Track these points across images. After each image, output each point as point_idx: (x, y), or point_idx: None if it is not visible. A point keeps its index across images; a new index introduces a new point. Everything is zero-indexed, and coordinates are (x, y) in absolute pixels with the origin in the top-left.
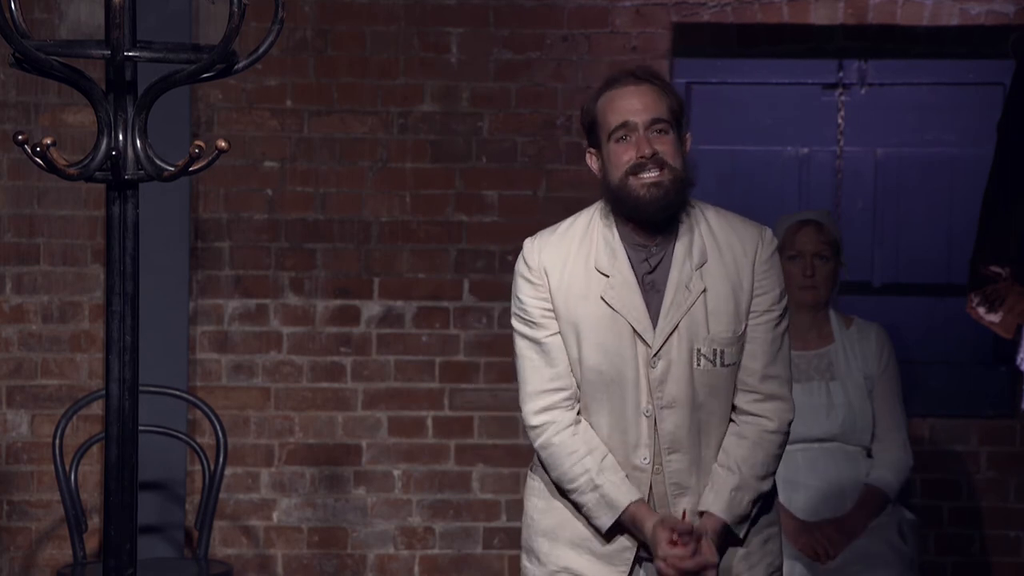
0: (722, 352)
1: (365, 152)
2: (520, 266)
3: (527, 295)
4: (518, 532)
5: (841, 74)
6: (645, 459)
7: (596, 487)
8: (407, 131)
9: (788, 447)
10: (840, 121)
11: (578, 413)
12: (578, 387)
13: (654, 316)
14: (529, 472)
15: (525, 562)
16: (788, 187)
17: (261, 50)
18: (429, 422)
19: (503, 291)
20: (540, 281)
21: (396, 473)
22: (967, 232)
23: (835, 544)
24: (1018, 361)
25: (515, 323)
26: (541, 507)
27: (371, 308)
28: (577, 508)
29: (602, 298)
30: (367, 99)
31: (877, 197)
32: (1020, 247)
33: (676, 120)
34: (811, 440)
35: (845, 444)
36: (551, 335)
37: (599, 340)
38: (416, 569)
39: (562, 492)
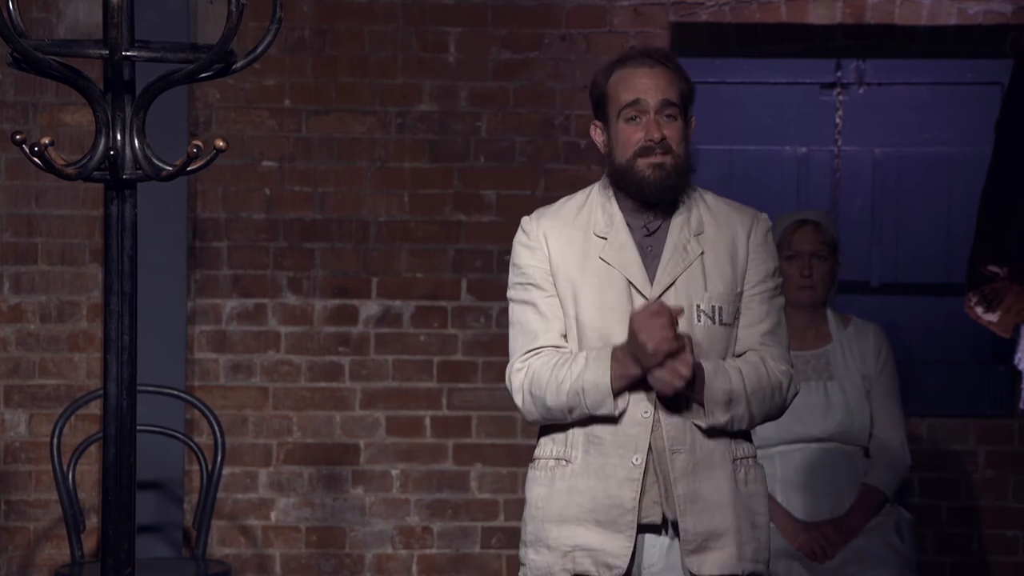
0: (720, 309)
1: (363, 152)
2: (519, 237)
3: (525, 260)
4: (516, 531)
5: (839, 73)
6: (646, 413)
7: (582, 369)
8: (405, 130)
9: (786, 447)
10: (838, 120)
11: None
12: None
13: (652, 275)
14: (529, 467)
15: (532, 555)
16: (786, 186)
17: (259, 49)
18: (427, 422)
19: (501, 290)
20: (538, 246)
21: (394, 473)
22: (965, 231)
23: (833, 544)
24: (1016, 360)
25: (511, 292)
26: (544, 494)
27: (369, 308)
28: (580, 413)
29: (600, 258)
30: (365, 98)
31: (875, 196)
32: (1018, 246)
33: (685, 104)
34: (809, 440)
35: (843, 444)
36: (548, 296)
37: (597, 298)
38: (414, 568)
39: (562, 426)
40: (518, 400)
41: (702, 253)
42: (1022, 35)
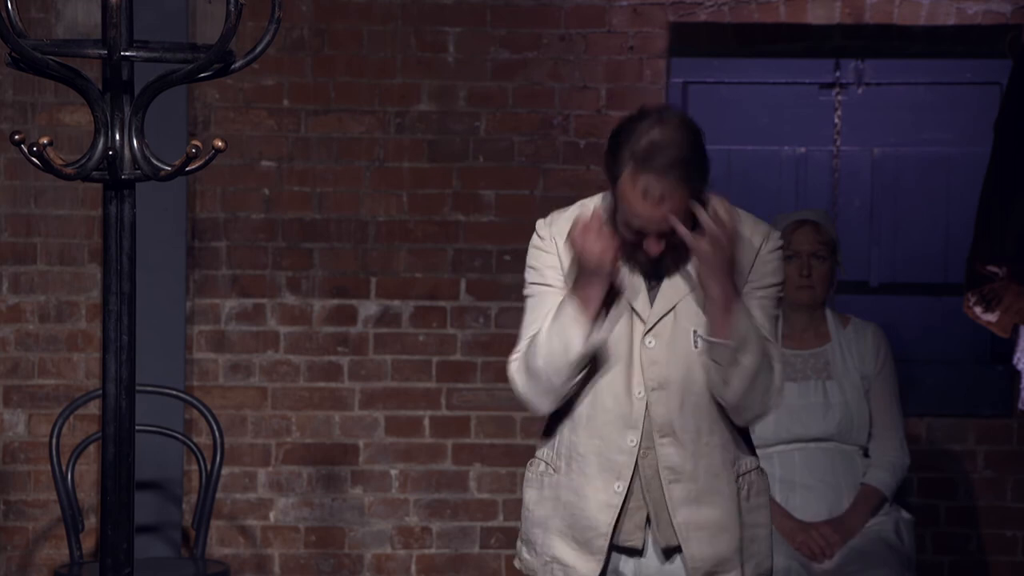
0: None
1: (362, 151)
2: (533, 240)
3: (540, 261)
4: (515, 531)
5: (838, 73)
6: (632, 441)
7: (552, 319)
8: (404, 130)
9: (785, 447)
10: (837, 120)
11: None
12: None
13: (653, 298)
14: (528, 466)
15: (525, 554)
16: (785, 187)
17: (258, 49)
18: (426, 422)
19: (500, 291)
20: (551, 249)
21: (393, 473)
22: (964, 231)
23: (832, 544)
24: (1015, 360)
25: (526, 291)
26: (535, 497)
27: (368, 307)
28: (565, 361)
29: None
30: (364, 98)
31: (874, 196)
32: (1017, 246)
33: (694, 199)
34: (808, 440)
35: (842, 444)
36: (560, 292)
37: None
38: (413, 568)
39: (554, 432)
40: (517, 385)
41: None
42: (1021, 35)
